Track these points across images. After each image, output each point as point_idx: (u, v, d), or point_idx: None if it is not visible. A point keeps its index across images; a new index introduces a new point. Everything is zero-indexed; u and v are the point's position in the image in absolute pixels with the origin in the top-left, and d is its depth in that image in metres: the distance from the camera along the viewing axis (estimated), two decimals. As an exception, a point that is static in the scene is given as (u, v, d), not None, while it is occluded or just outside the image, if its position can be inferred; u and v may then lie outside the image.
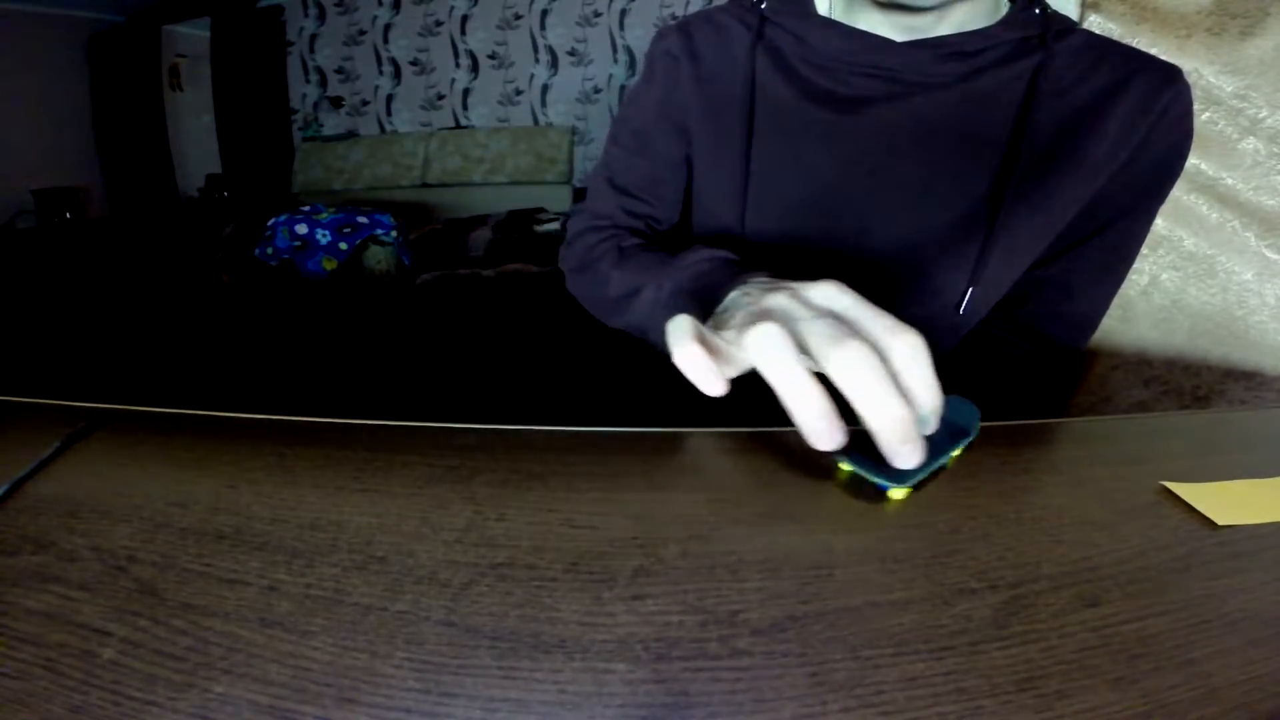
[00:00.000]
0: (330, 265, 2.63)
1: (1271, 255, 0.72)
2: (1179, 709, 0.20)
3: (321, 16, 4.03)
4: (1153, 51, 0.50)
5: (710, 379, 0.29)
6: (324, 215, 2.70)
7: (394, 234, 2.78)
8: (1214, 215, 0.74)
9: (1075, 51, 0.49)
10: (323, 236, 2.64)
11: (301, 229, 2.64)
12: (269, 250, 2.67)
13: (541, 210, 3.66)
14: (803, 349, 0.28)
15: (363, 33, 4.01)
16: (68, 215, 3.54)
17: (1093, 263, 0.55)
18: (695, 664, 0.21)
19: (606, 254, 0.57)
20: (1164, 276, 0.78)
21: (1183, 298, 0.77)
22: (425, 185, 3.94)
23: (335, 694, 0.20)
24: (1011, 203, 0.49)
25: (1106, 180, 0.50)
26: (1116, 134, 0.49)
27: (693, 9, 3.66)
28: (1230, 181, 0.72)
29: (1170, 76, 0.49)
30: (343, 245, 2.64)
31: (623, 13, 3.77)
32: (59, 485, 0.32)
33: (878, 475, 0.30)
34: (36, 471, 0.33)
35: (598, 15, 3.80)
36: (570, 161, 3.88)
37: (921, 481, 0.31)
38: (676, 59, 0.57)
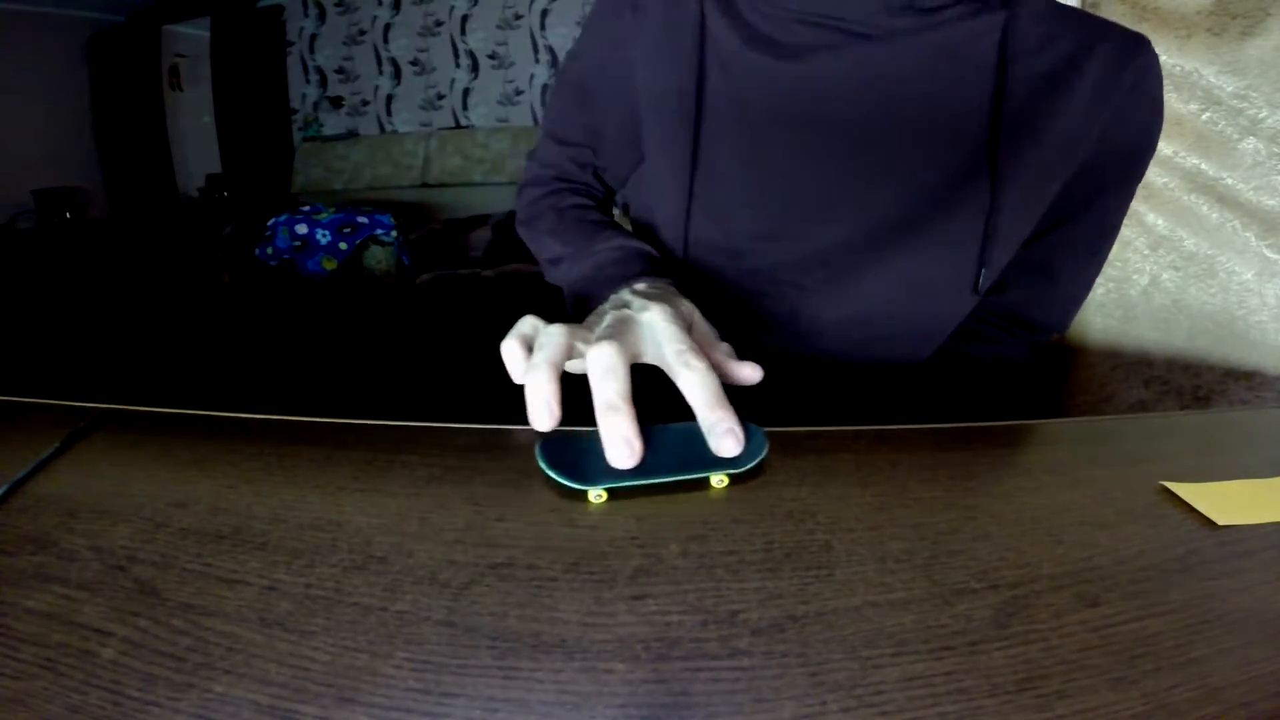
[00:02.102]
0: (330, 265, 2.63)
1: (1271, 255, 0.72)
2: (1179, 709, 0.20)
3: (321, 16, 4.03)
4: (1112, 21, 0.49)
5: (514, 375, 0.34)
6: (324, 215, 2.70)
7: (394, 234, 2.78)
8: (1214, 215, 0.74)
9: (1037, 14, 0.47)
10: (323, 236, 2.64)
11: (301, 229, 2.64)
12: (269, 250, 2.67)
13: (541, 210, 3.66)
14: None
15: (363, 33, 4.01)
16: (68, 215, 3.54)
17: (1074, 243, 0.54)
18: (695, 664, 0.21)
19: (545, 213, 0.58)
20: (1164, 276, 0.78)
21: (1183, 298, 0.77)
22: (425, 185, 3.94)
23: (335, 694, 0.20)
24: (1004, 178, 0.47)
25: (1083, 156, 0.49)
26: (1087, 105, 0.47)
27: (693, 9, 3.66)
28: (1230, 181, 0.72)
29: (1135, 46, 0.47)
30: (343, 245, 2.65)
31: (623, 13, 3.76)
32: (59, 485, 0.32)
33: (567, 477, 0.31)
34: (36, 471, 0.33)
35: (598, 15, 3.80)
36: (570, 161, 3.87)
37: (626, 490, 0.31)
38: (620, 10, 0.54)
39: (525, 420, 0.32)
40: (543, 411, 0.31)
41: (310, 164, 4.02)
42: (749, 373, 0.37)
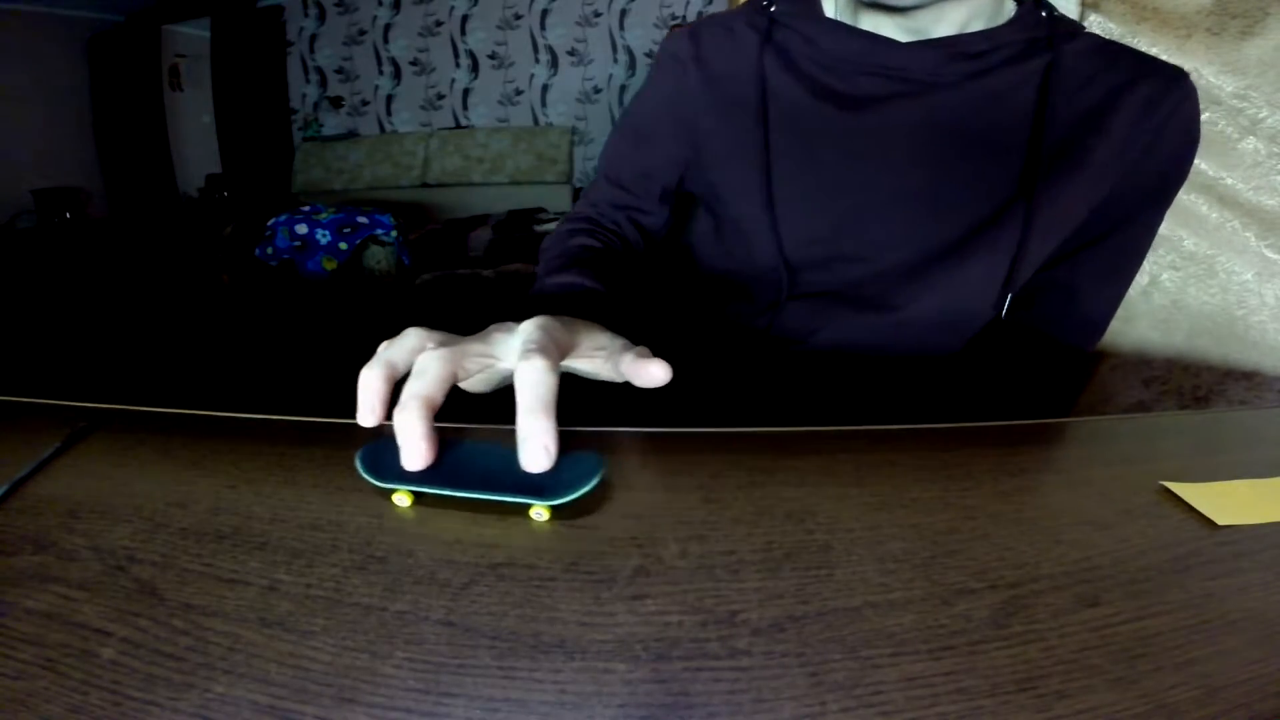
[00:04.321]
0: (330, 265, 2.63)
1: (1271, 255, 0.72)
2: (1179, 709, 0.20)
3: (321, 16, 4.03)
4: (1153, 51, 0.50)
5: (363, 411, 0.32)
6: (324, 215, 2.70)
7: (394, 234, 2.78)
8: (1214, 215, 0.74)
9: (1082, 54, 0.49)
10: (323, 236, 2.64)
11: (301, 229, 2.64)
12: (269, 250, 2.67)
13: (541, 210, 3.66)
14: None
15: (363, 33, 4.01)
16: (68, 215, 3.54)
17: (1100, 266, 0.55)
18: (695, 664, 0.21)
19: (554, 245, 0.59)
20: (1164, 276, 0.78)
21: (1183, 298, 0.77)
22: (425, 185, 3.94)
23: (335, 694, 0.20)
24: (1038, 207, 0.49)
25: (1115, 182, 0.51)
26: (1123, 136, 0.49)
27: (692, 8, 3.66)
28: (1230, 181, 0.72)
29: (1175, 79, 0.49)
30: (343, 245, 2.65)
31: (623, 13, 3.77)
32: (59, 485, 0.32)
33: (374, 475, 0.30)
34: (36, 471, 0.33)
35: (598, 15, 3.80)
36: (570, 162, 3.88)
37: (429, 497, 0.30)
38: (683, 63, 0.57)
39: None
40: (366, 411, 0.30)
41: (310, 164, 4.03)
42: (656, 370, 0.33)
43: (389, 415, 0.30)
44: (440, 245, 3.22)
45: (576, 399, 0.33)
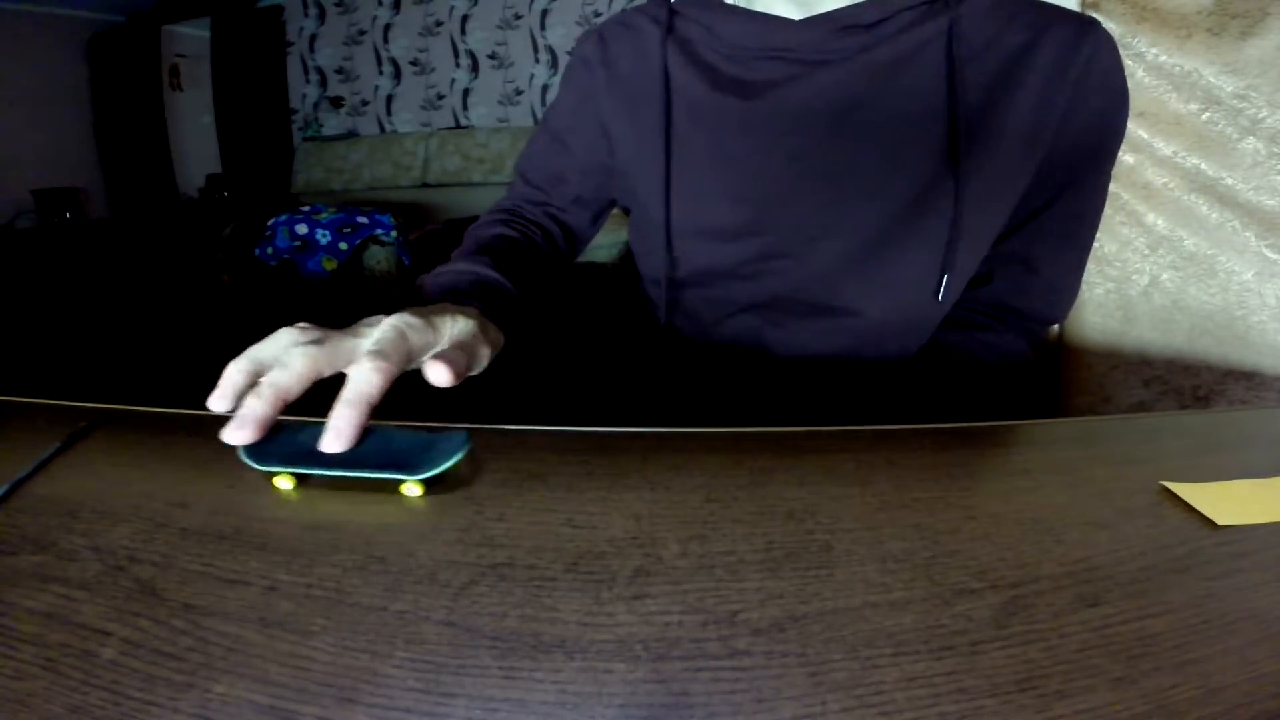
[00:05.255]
0: (330, 265, 2.63)
1: (1271, 255, 0.72)
2: (1179, 709, 0.20)
3: (321, 16, 4.03)
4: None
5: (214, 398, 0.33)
6: (324, 215, 2.70)
7: (394, 234, 2.78)
8: (1214, 215, 0.74)
9: (982, 12, 0.47)
10: (323, 236, 2.64)
11: (301, 229, 2.64)
12: (269, 250, 2.67)
13: (541, 210, 3.66)
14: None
15: (363, 33, 4.01)
16: (68, 215, 3.54)
17: (1052, 233, 0.54)
18: (695, 664, 0.21)
19: (467, 238, 0.60)
20: (1164, 276, 0.78)
21: (1183, 298, 0.77)
22: (425, 185, 3.94)
23: (335, 694, 0.20)
24: (966, 178, 0.47)
25: (1048, 146, 0.49)
26: (1040, 95, 0.47)
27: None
28: (1230, 181, 0.72)
29: (1084, 28, 0.47)
30: (343, 245, 2.65)
31: (622, 13, 3.77)
32: (59, 485, 0.32)
33: (255, 459, 0.32)
34: (36, 471, 0.33)
35: (597, 15, 3.80)
36: (570, 161, 3.87)
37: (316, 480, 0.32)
38: (591, 65, 0.57)
39: (524, 420, 0.32)
40: (242, 431, 0.31)
41: (310, 164, 4.02)
42: (433, 374, 0.35)
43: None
44: (440, 245, 3.22)
45: (576, 399, 0.33)
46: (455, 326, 0.39)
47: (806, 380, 0.56)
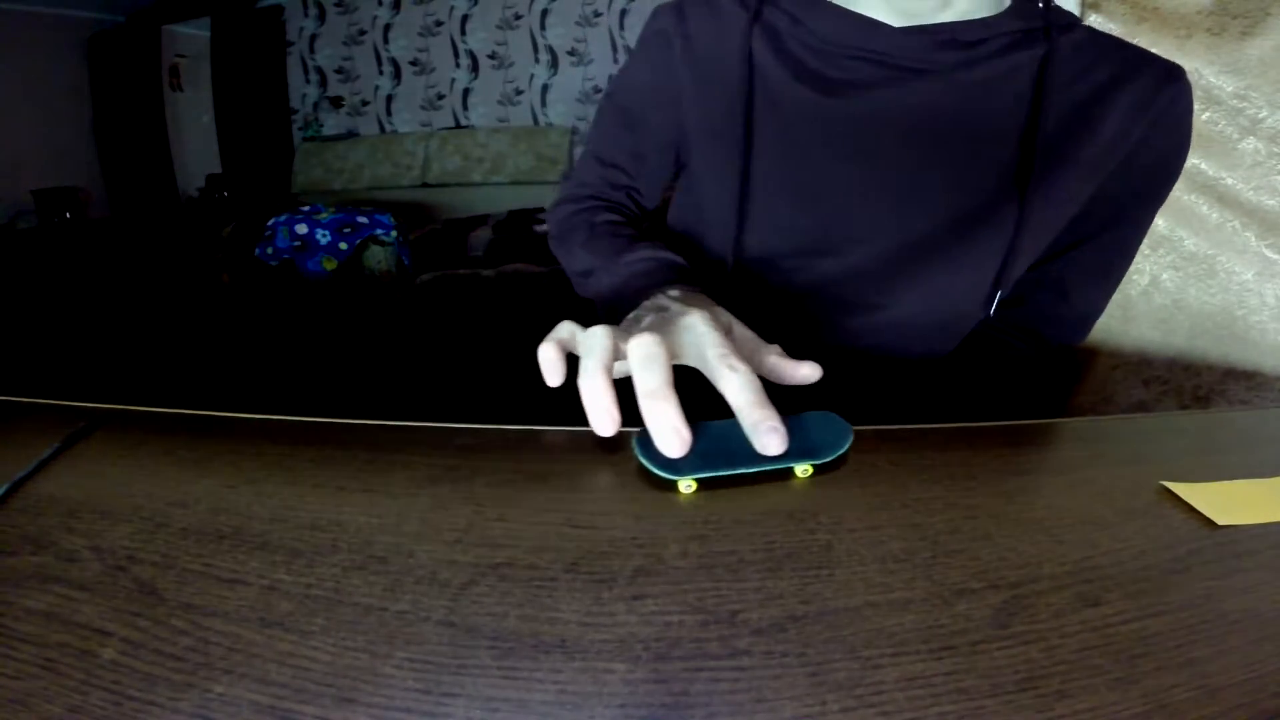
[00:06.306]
0: (330, 265, 2.63)
1: (1271, 255, 0.72)
2: (1179, 709, 0.20)
3: (321, 16, 4.03)
4: (1153, 51, 0.50)
5: (549, 377, 0.35)
6: (324, 215, 2.70)
7: (394, 234, 2.78)
8: (1214, 215, 0.74)
9: (1077, 46, 0.49)
10: (323, 236, 2.64)
11: (301, 229, 2.64)
12: (269, 250, 2.67)
13: (541, 210, 3.66)
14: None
15: (363, 33, 4.01)
16: (68, 215, 3.53)
17: (1090, 264, 0.55)
18: (695, 664, 0.21)
19: (578, 228, 0.59)
20: (1164, 276, 0.78)
21: (1183, 298, 0.77)
22: (425, 185, 3.94)
23: (335, 694, 0.20)
24: (1031, 203, 0.49)
25: (1105, 179, 0.50)
26: (1115, 131, 0.48)
27: (693, 9, 3.65)
28: (1230, 181, 0.72)
29: (1171, 75, 0.48)
30: (343, 245, 2.65)
31: (623, 13, 3.77)
32: (59, 485, 0.32)
33: (661, 468, 0.31)
34: (36, 471, 0.33)
35: (598, 15, 3.80)
36: (570, 161, 3.87)
37: (717, 480, 0.32)
38: (669, 37, 0.56)
39: (523, 420, 0.32)
40: (604, 419, 0.31)
41: (310, 164, 4.03)
42: (807, 371, 0.38)
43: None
44: (440, 245, 3.22)
45: (575, 399, 0.33)
46: (724, 312, 0.40)
47: (828, 373, 0.57)
